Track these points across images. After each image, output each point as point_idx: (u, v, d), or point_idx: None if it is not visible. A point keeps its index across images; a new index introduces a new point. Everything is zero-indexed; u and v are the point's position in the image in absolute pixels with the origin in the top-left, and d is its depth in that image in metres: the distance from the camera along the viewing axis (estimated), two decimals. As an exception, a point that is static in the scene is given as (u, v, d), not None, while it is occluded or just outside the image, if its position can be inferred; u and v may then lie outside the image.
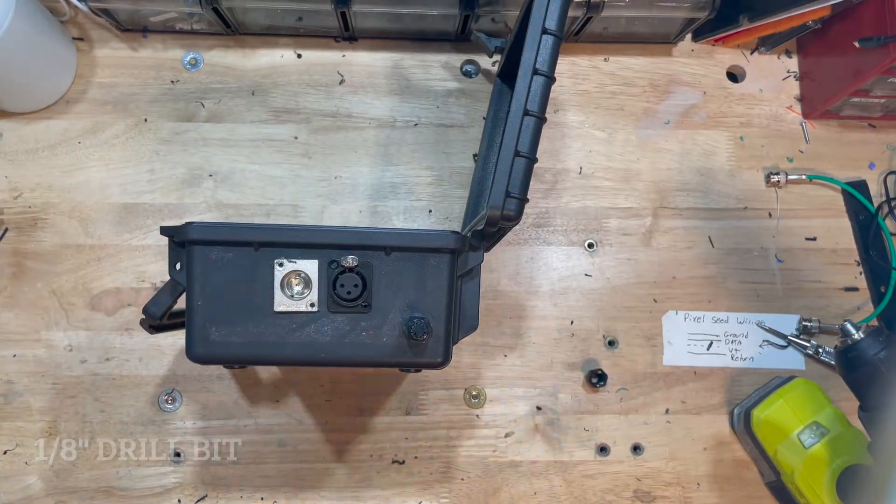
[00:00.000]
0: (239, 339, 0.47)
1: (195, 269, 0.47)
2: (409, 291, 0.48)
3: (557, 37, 0.50)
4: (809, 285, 0.75)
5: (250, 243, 0.47)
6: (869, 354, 0.58)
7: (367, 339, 0.48)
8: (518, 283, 0.73)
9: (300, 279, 0.47)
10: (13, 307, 0.70)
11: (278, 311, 0.47)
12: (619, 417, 0.71)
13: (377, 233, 0.49)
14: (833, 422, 0.65)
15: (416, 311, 0.48)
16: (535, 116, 0.50)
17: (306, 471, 0.68)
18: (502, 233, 0.55)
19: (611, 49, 0.78)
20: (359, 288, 0.47)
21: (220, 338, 0.47)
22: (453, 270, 0.49)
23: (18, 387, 0.68)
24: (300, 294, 0.47)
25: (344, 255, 0.47)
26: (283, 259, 0.47)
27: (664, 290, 0.74)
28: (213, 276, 0.47)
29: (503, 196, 0.49)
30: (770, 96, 0.79)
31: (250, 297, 0.47)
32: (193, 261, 0.47)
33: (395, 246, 0.48)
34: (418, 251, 0.48)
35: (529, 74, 0.50)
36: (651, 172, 0.76)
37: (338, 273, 0.47)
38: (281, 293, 0.47)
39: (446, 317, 0.48)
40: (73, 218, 0.71)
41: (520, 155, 0.50)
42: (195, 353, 0.47)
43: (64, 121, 0.73)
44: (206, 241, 0.47)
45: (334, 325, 0.48)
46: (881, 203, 0.76)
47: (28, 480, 0.67)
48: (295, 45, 0.77)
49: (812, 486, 0.63)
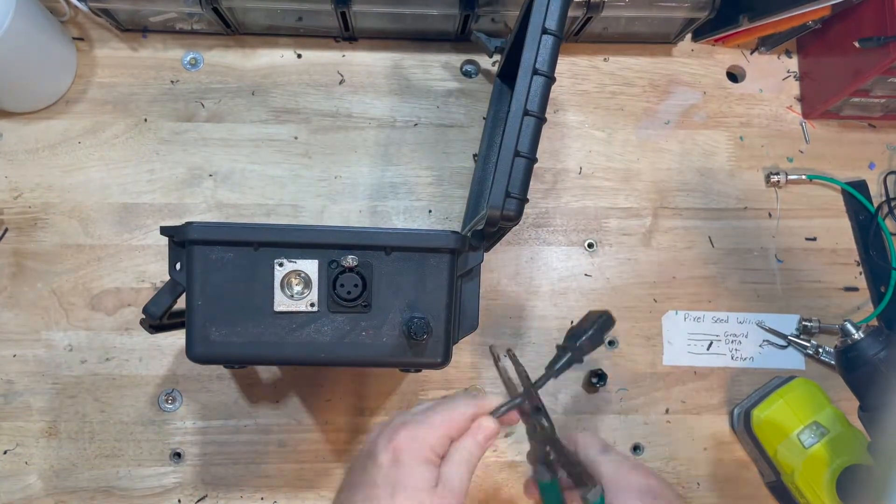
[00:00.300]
0: (239, 338, 0.47)
1: (195, 269, 0.47)
2: (409, 291, 0.48)
3: (557, 37, 0.50)
4: (809, 285, 0.75)
5: (250, 243, 0.47)
6: (869, 354, 0.58)
7: (367, 339, 0.48)
8: (518, 283, 0.73)
9: (300, 279, 0.47)
10: (13, 307, 0.70)
11: (278, 310, 0.47)
12: (618, 417, 0.71)
13: (377, 233, 0.49)
14: (833, 422, 0.65)
15: (416, 311, 0.48)
16: (535, 116, 0.50)
17: (306, 471, 0.68)
18: (502, 233, 0.55)
19: (610, 49, 0.79)
20: (359, 288, 0.47)
21: (220, 338, 0.47)
22: (453, 270, 0.49)
23: (18, 387, 0.68)
24: (300, 294, 0.47)
25: (344, 254, 0.47)
26: (283, 259, 0.47)
27: (664, 290, 0.74)
28: (212, 276, 0.47)
29: (503, 196, 0.49)
30: (770, 96, 0.79)
31: (250, 297, 0.47)
32: (193, 261, 0.47)
33: (394, 246, 0.48)
34: (418, 251, 0.48)
35: (529, 74, 0.50)
36: (651, 172, 0.76)
37: (338, 273, 0.47)
38: (281, 293, 0.47)
39: (446, 317, 0.48)
40: (73, 218, 0.71)
41: (520, 155, 0.50)
42: (195, 353, 0.47)
43: (64, 121, 0.73)
44: (205, 240, 0.47)
45: (334, 324, 0.48)
46: (881, 203, 0.76)
47: (28, 480, 0.67)
48: (295, 45, 0.77)
49: (812, 486, 0.63)
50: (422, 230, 0.47)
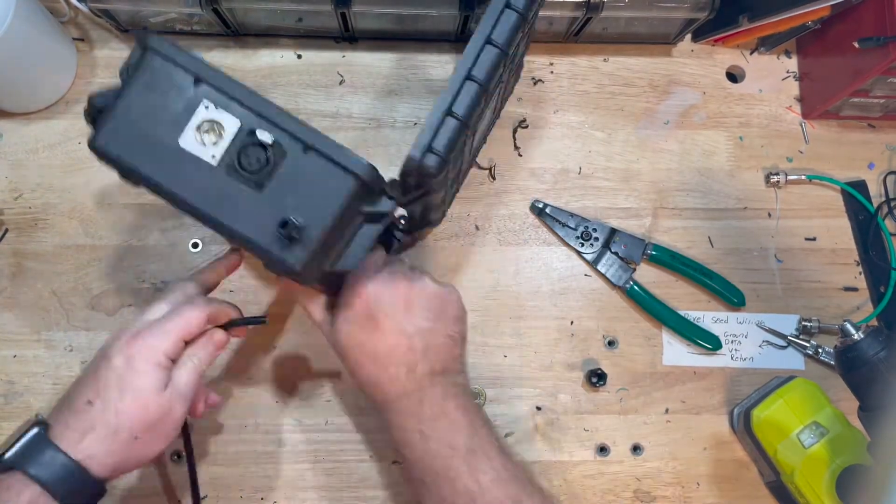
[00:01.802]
0: (139, 150, 0.47)
1: (140, 73, 0.48)
2: (304, 194, 0.47)
3: (522, 15, 0.51)
4: (809, 285, 0.75)
5: (197, 77, 0.47)
6: (868, 354, 0.58)
7: (242, 213, 0.47)
8: (518, 283, 0.73)
9: (216, 131, 0.48)
10: (13, 307, 0.70)
11: (182, 146, 0.47)
12: (618, 417, 0.71)
13: (308, 128, 0.48)
14: (833, 422, 0.65)
15: (300, 214, 0.47)
16: (478, 83, 0.50)
17: (306, 471, 0.69)
18: (423, 194, 0.54)
19: (610, 49, 0.79)
20: (261, 164, 0.47)
21: (125, 141, 0.47)
22: (353, 197, 0.48)
23: (19, 387, 0.68)
24: (209, 143, 0.48)
25: (266, 130, 0.47)
26: (212, 105, 0.47)
27: (664, 289, 0.74)
28: (149, 87, 0.47)
29: (425, 149, 0.49)
30: (769, 96, 0.79)
31: (167, 122, 0.47)
32: (142, 66, 0.48)
33: (315, 147, 0.47)
34: (331, 162, 0.47)
35: (482, 42, 0.50)
36: (651, 173, 0.76)
37: (250, 143, 0.47)
38: (193, 132, 0.47)
39: (324, 236, 0.47)
40: (73, 218, 0.71)
41: (452, 115, 0.50)
42: (98, 143, 0.47)
43: (64, 121, 0.73)
44: (162, 53, 0.47)
45: (222, 185, 0.48)
46: (881, 203, 0.77)
47: (28, 480, 0.67)
48: (295, 45, 0.77)
49: (812, 486, 0.63)
50: (346, 148, 0.47)
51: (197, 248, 0.72)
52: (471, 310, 0.72)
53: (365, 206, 0.50)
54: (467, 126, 0.51)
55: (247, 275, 0.71)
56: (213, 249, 0.72)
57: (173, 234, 0.72)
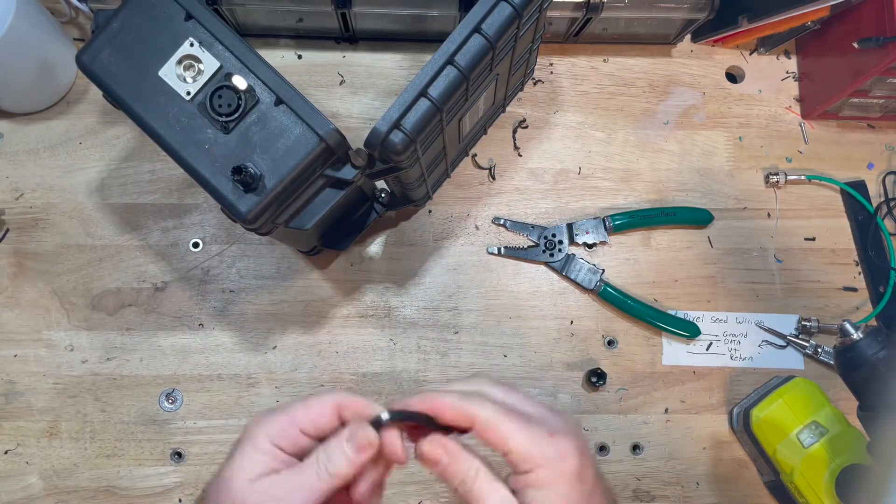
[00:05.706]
0: (119, 73, 0.49)
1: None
2: (268, 146, 0.48)
3: (515, 10, 0.50)
4: (808, 285, 0.75)
5: (188, 13, 0.48)
6: (868, 354, 0.58)
7: (206, 153, 0.48)
8: (518, 283, 0.73)
9: (196, 68, 0.49)
10: (14, 307, 0.70)
11: (161, 76, 0.48)
12: (618, 417, 0.71)
13: (285, 83, 0.49)
14: (832, 421, 0.65)
15: (261, 163, 0.48)
16: (459, 70, 0.50)
17: (306, 470, 0.68)
18: (391, 170, 0.54)
19: (610, 50, 0.79)
20: (231, 108, 0.48)
21: (108, 61, 0.49)
22: (316, 157, 0.49)
23: (19, 387, 0.69)
24: (188, 78, 0.49)
25: (243, 77, 0.48)
26: (197, 43, 0.48)
27: (664, 290, 0.74)
28: (143, 11, 0.49)
29: (392, 125, 0.49)
30: (769, 97, 0.79)
31: (153, 51, 0.49)
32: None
33: (287, 102, 0.48)
34: (300, 119, 0.48)
35: (469, 30, 0.50)
36: (650, 173, 0.76)
37: (225, 86, 0.48)
38: (173, 65, 0.48)
39: (280, 187, 0.48)
40: (73, 218, 0.72)
41: (426, 97, 0.49)
42: (83, 59, 0.49)
43: (64, 121, 0.74)
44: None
45: (191, 121, 0.48)
46: (880, 203, 0.77)
47: (28, 480, 0.67)
48: (295, 46, 0.77)
49: (811, 486, 0.63)
50: (318, 110, 0.48)
51: (197, 248, 0.72)
52: (471, 310, 0.72)
53: (328, 170, 0.50)
54: (440, 110, 0.50)
55: (247, 275, 0.71)
56: (214, 249, 0.72)
57: (173, 234, 0.72)
